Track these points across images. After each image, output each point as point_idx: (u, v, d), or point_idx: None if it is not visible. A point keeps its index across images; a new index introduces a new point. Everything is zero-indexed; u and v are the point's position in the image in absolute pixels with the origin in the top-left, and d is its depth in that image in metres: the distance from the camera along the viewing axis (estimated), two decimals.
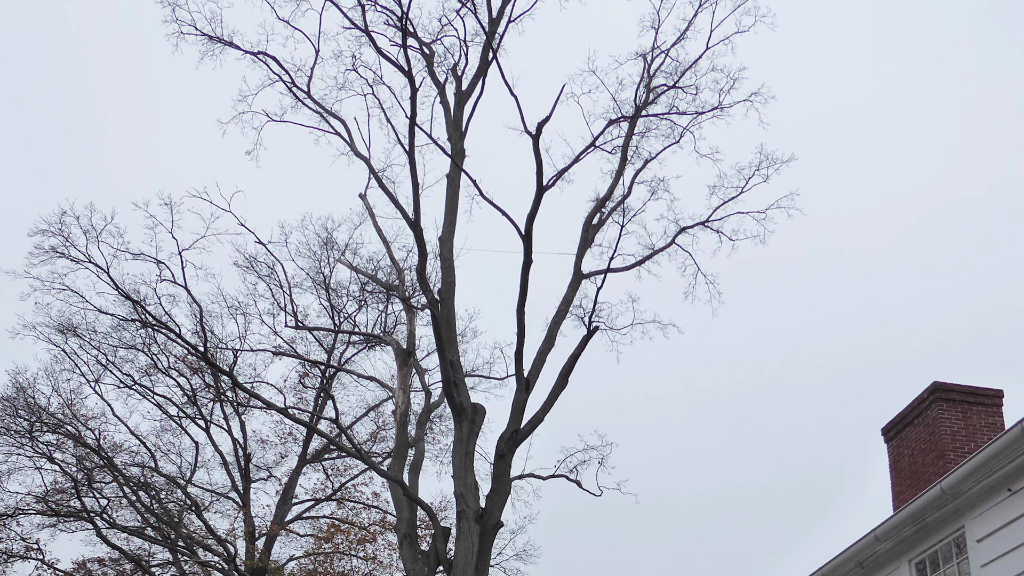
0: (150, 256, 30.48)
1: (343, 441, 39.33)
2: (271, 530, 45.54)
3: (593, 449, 31.46)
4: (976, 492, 14.51)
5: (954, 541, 15.30)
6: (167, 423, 45.57)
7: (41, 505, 41.25)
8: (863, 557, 17.07)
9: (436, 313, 27.41)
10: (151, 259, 30.48)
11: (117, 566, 44.22)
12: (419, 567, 27.67)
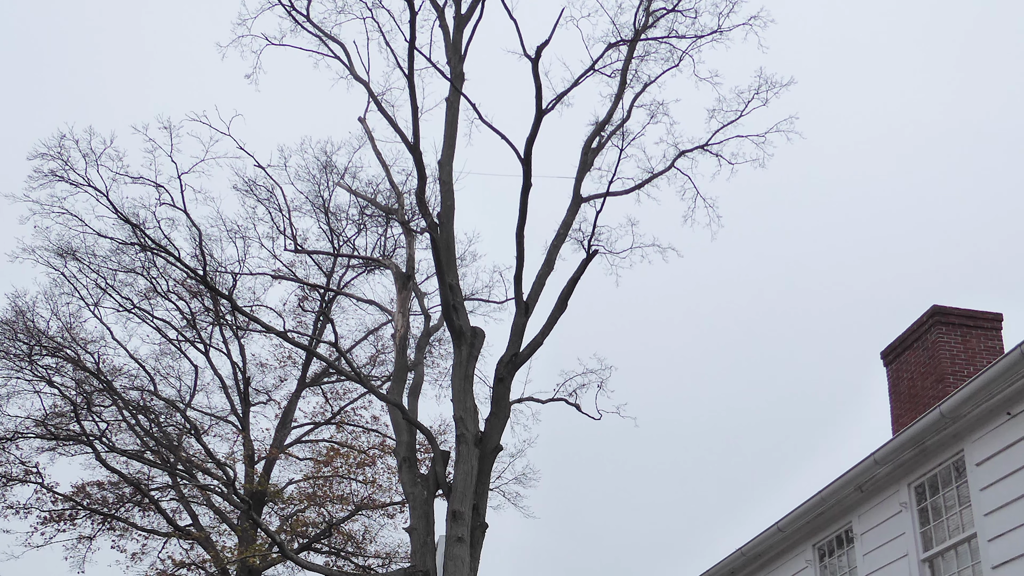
0: (149, 180, 30.36)
1: (342, 365, 39.40)
2: (270, 454, 45.68)
3: (592, 373, 31.51)
4: (975, 416, 14.53)
5: (953, 465, 15.34)
6: (166, 347, 45.60)
7: (40, 429, 41.34)
8: (862, 481, 17.11)
9: (435, 237, 27.36)
10: (150, 183, 30.37)
11: (116, 490, 44.35)
12: (418, 490, 27.76)
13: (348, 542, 47.83)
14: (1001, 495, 14.01)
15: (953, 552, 15.21)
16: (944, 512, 15.57)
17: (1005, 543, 13.78)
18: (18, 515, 42.37)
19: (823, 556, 19.00)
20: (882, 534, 16.81)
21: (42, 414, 41.36)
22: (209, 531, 44.66)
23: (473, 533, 26.95)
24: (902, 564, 16.10)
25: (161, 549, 46.73)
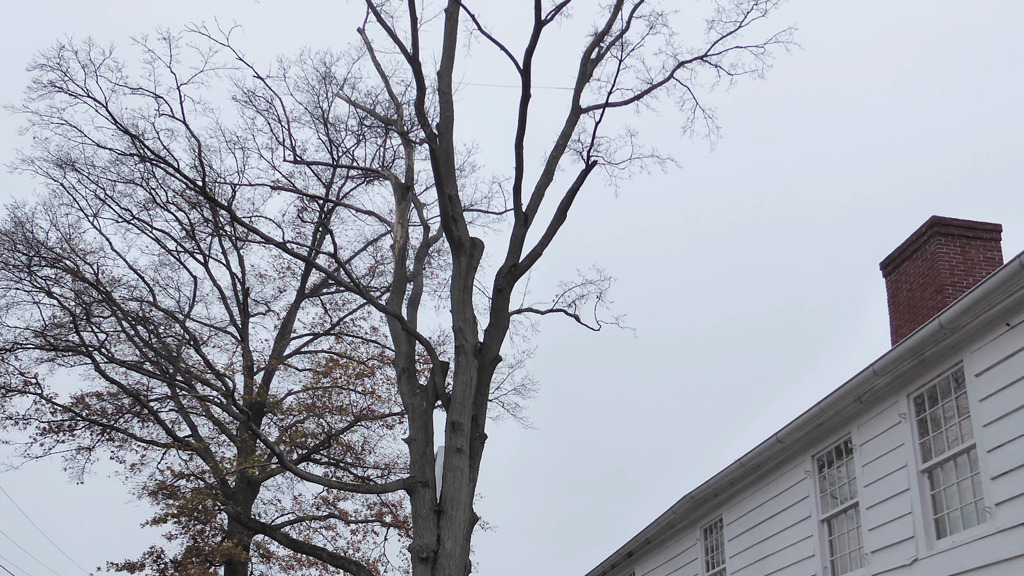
0: (148, 91, 30.25)
1: (341, 275, 39.41)
2: (269, 364, 45.79)
3: (591, 284, 31.51)
4: (974, 327, 14.52)
5: (952, 376, 15.35)
6: (165, 258, 45.58)
7: (39, 339, 41.37)
8: (861, 392, 17.13)
9: (434, 147, 27.26)
10: (149, 93, 30.25)
11: (115, 400, 44.48)
12: (417, 401, 27.84)
13: (347, 453, 48.04)
14: (1000, 406, 14.04)
15: (952, 463, 15.26)
16: (943, 423, 15.60)
17: (1004, 454, 13.82)
18: (17, 426, 42.54)
19: (822, 467, 19.07)
20: (881, 445, 16.85)
21: (41, 325, 41.39)
22: (208, 442, 44.85)
23: (472, 444, 27.05)
24: (901, 475, 16.15)
25: (160, 460, 46.94)
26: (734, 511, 22.51)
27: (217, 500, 41.47)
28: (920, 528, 15.51)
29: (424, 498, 26.25)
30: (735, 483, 22.19)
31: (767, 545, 20.63)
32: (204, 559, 42.33)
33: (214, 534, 44.51)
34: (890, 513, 16.37)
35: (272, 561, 47.93)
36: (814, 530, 18.86)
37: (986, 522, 14.11)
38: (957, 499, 15.11)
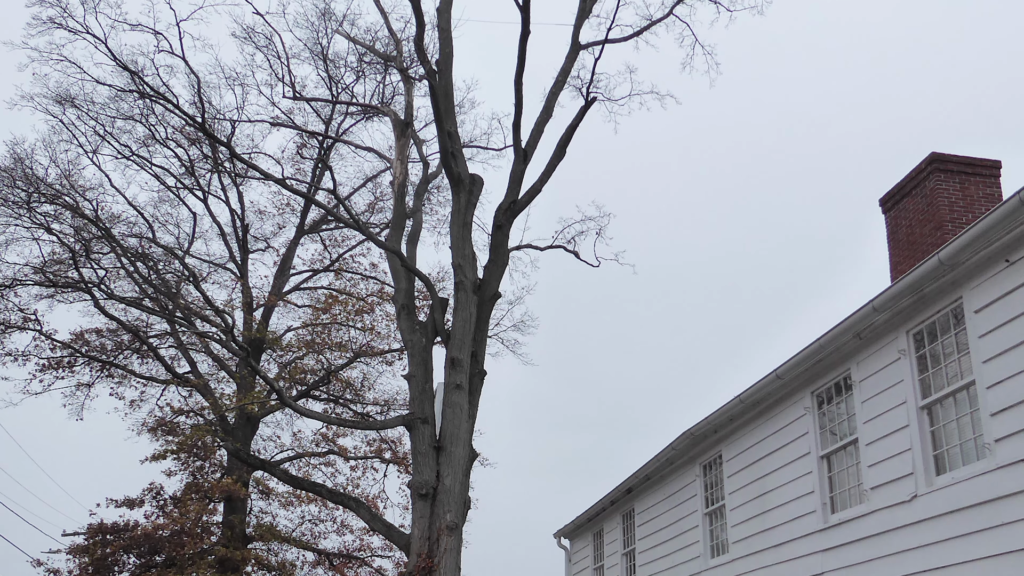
0: (148, 27, 30.09)
1: (341, 212, 39.36)
2: (269, 301, 45.78)
3: (591, 220, 31.45)
4: (974, 263, 14.49)
5: (952, 312, 15.33)
6: (165, 194, 45.52)
7: (39, 276, 41.34)
8: (860, 328, 17.12)
9: (434, 84, 27.15)
10: (149, 30, 30.09)
11: (114, 337, 44.52)
12: (417, 338, 27.84)
13: (346, 389, 48.13)
14: (999, 342, 14.03)
15: (952, 399, 15.27)
16: (943, 359, 15.60)
17: (1003, 390, 13.82)
18: (16, 362, 42.60)
19: (821, 403, 19.08)
20: (881, 381, 16.86)
21: (40, 261, 41.36)
22: (207, 378, 44.91)
23: (472, 380, 27.08)
24: (901, 411, 16.17)
25: (159, 396, 47.03)
26: (733, 447, 22.56)
27: (216, 436, 41.54)
28: (920, 465, 15.54)
29: (423, 434, 26.30)
30: (734, 419, 22.23)
31: (766, 481, 20.69)
32: (203, 495, 42.46)
33: (213, 470, 44.66)
34: (889, 449, 16.40)
35: (271, 497, 48.09)
36: (813, 466, 18.90)
37: (985, 458, 14.13)
38: (956, 435, 15.13)
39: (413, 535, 25.95)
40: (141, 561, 43.11)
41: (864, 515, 17.00)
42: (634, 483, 28.19)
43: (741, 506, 21.85)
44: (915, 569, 15.29)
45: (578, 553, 34.25)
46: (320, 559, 47.89)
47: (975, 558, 13.95)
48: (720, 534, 23.29)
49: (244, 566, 43.54)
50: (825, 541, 18.21)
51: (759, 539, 20.78)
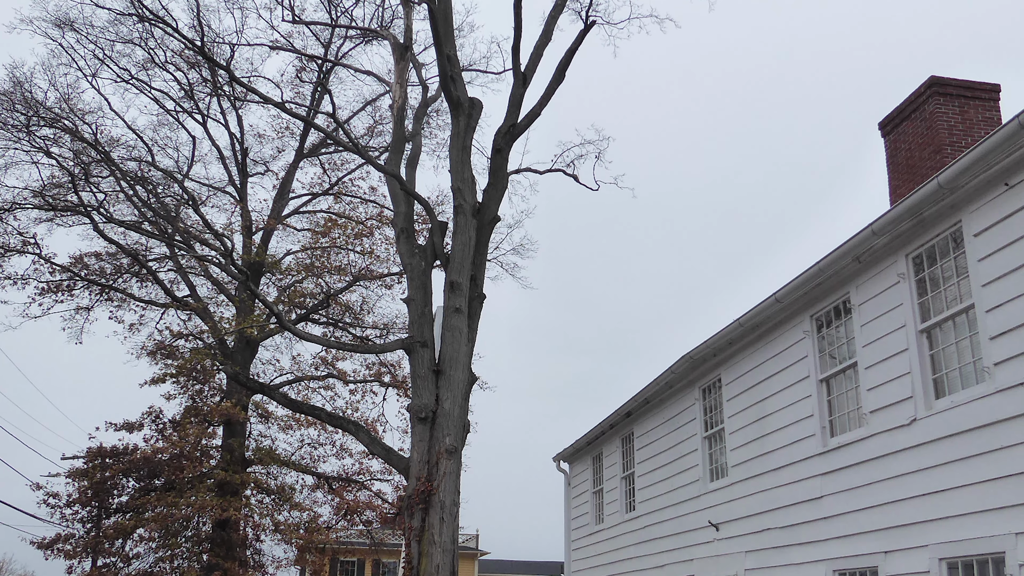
0: None
1: (340, 135, 39.20)
2: (268, 224, 45.75)
3: (590, 143, 31.33)
4: (973, 186, 14.45)
5: (951, 236, 15.30)
6: (164, 118, 45.43)
7: (38, 199, 41.30)
8: (860, 251, 17.09)
9: (433, 7, 26.98)
10: None
11: (114, 260, 44.53)
12: (416, 261, 27.83)
13: (346, 313, 48.21)
14: (999, 266, 14.01)
15: (951, 323, 15.26)
16: (942, 283, 15.58)
17: (1002, 314, 13.82)
18: (16, 286, 42.65)
19: (821, 327, 19.09)
20: (880, 305, 16.86)
21: (40, 185, 41.32)
22: (207, 302, 44.96)
23: (471, 304, 27.10)
24: (900, 335, 16.18)
25: (159, 320, 47.13)
26: (733, 371, 22.60)
27: (215, 360, 41.62)
28: (919, 388, 15.56)
29: (423, 358, 26.35)
30: (734, 343, 22.26)
31: (766, 405, 20.74)
32: (202, 419, 42.63)
33: (212, 394, 44.80)
34: (889, 373, 16.42)
35: (270, 421, 48.28)
36: (812, 390, 18.94)
37: (985, 382, 14.15)
38: (956, 359, 15.14)
39: (412, 458, 26.05)
40: (140, 484, 43.37)
41: (863, 439, 17.05)
42: (633, 407, 28.27)
43: (740, 430, 21.92)
44: (914, 492, 15.35)
45: (577, 477, 34.41)
46: (319, 482, 48.14)
47: (974, 481, 14.01)
48: (719, 458, 23.38)
49: (243, 489, 43.78)
50: (824, 465, 18.28)
51: (758, 463, 20.86)
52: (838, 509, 17.65)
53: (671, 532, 25.43)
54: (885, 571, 15.93)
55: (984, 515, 13.76)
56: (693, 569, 23.84)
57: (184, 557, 43.41)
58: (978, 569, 13.95)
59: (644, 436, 28.12)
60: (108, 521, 43.68)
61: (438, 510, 26.64)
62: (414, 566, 29.88)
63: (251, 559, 46.52)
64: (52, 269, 43.23)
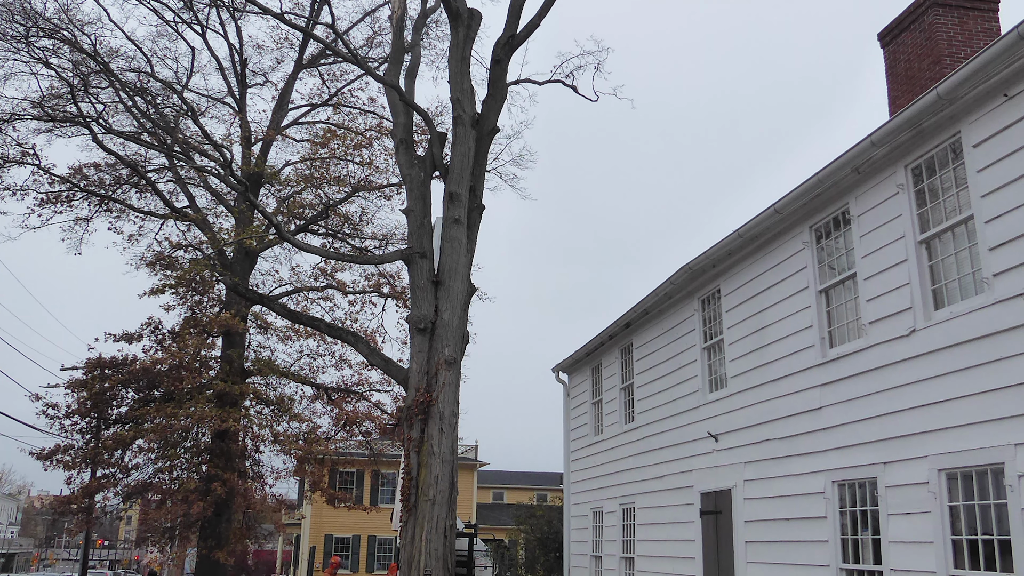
0: None
1: (339, 46, 39.00)
2: (267, 135, 45.64)
3: (589, 55, 31.17)
4: (972, 98, 14.39)
5: (950, 147, 15.25)
6: (163, 28, 45.29)
7: (37, 110, 41.19)
8: (859, 162, 17.05)
9: None
10: None
11: (113, 171, 44.48)
12: (415, 172, 27.79)
13: (345, 223, 48.22)
14: (998, 177, 13.98)
15: (950, 234, 15.24)
16: (941, 194, 15.55)
17: (1002, 225, 13.80)
18: (15, 197, 42.65)
19: (820, 238, 19.07)
20: (879, 216, 16.84)
21: (39, 95, 41.22)
22: (206, 212, 44.97)
23: (470, 214, 27.08)
24: (899, 246, 16.16)
25: (158, 230, 47.26)
26: (732, 282, 22.62)
27: (215, 271, 41.68)
28: (918, 299, 15.58)
29: (422, 269, 26.36)
30: (733, 254, 22.26)
31: (765, 316, 20.77)
32: (202, 330, 42.72)
33: (212, 305, 44.87)
34: (888, 284, 16.43)
35: (269, 332, 48.43)
36: (812, 301, 18.96)
37: (984, 293, 14.15)
38: (955, 270, 15.14)
39: (411, 369, 26.13)
40: (139, 395, 43.52)
41: (862, 349, 17.09)
42: (632, 318, 28.32)
43: (739, 340, 21.96)
44: (913, 403, 15.40)
45: (576, 387, 34.53)
46: (318, 393, 48.34)
47: (973, 392, 14.05)
48: (718, 368, 23.45)
49: (242, 400, 43.96)
50: (823, 376, 18.33)
51: (757, 373, 20.92)
52: (837, 420, 17.71)
53: (670, 443, 25.55)
54: (884, 482, 16.02)
55: (983, 426, 13.81)
56: (692, 480, 23.98)
57: (183, 468, 43.69)
58: (977, 480, 14.03)
59: (643, 347, 28.19)
60: (107, 432, 43.88)
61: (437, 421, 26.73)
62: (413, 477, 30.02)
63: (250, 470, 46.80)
64: (51, 180, 43.22)
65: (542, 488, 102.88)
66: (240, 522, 46.52)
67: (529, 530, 42.08)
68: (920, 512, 15.02)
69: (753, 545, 20.64)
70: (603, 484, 30.63)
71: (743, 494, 21.19)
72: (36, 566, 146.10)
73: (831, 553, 17.55)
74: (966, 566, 14.02)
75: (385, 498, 79.24)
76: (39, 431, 55.31)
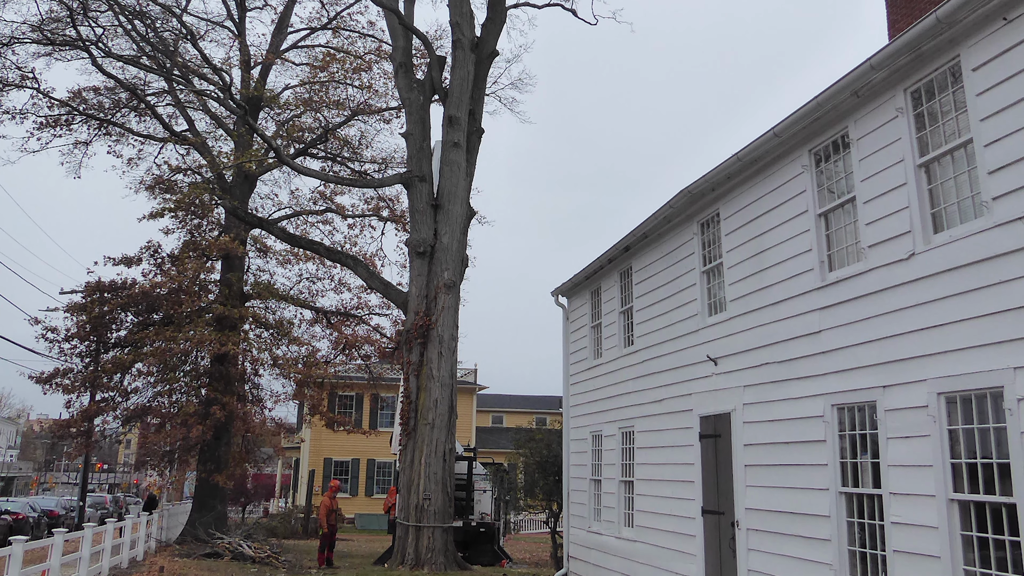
0: None
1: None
2: (266, 59, 45.52)
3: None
4: (972, 21, 14.32)
5: (949, 70, 15.20)
6: None
7: (36, 34, 41.05)
8: (858, 86, 17.00)
9: None
10: None
11: (112, 95, 44.38)
12: (415, 96, 27.76)
13: (344, 147, 48.19)
14: (997, 100, 13.95)
15: (949, 157, 15.22)
16: (940, 117, 15.51)
17: (1001, 148, 13.79)
18: (14, 121, 42.62)
19: (819, 161, 19.04)
20: (879, 139, 16.81)
21: (38, 19, 41.07)
22: (205, 136, 44.93)
23: (469, 138, 27.06)
24: (898, 169, 16.14)
25: (157, 154, 47.30)
26: (731, 205, 22.60)
27: (214, 194, 41.68)
28: (917, 222, 15.58)
29: (421, 192, 26.40)
30: (732, 177, 22.23)
31: (764, 239, 20.77)
32: (201, 253, 42.80)
33: (211, 228, 44.93)
34: (887, 207, 16.42)
35: (269, 256, 48.53)
36: (811, 224, 18.95)
37: (983, 216, 14.15)
38: (954, 193, 15.13)
39: (411, 293, 26.25)
40: (138, 319, 43.68)
41: (862, 273, 17.10)
42: (632, 241, 28.31)
43: (739, 264, 21.97)
44: (913, 327, 15.44)
45: (576, 311, 34.57)
46: (317, 317, 48.51)
47: (972, 316, 14.07)
48: (717, 292, 23.46)
49: (241, 324, 44.12)
50: (823, 299, 18.36)
51: (757, 297, 20.95)
52: (836, 344, 17.76)
53: (669, 367, 25.62)
54: (883, 405, 16.08)
55: (982, 350, 13.85)
56: (691, 403, 24.06)
57: (182, 392, 43.93)
58: (976, 403, 14.08)
59: (642, 271, 28.20)
60: (106, 356, 44.09)
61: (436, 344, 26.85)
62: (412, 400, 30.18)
63: (249, 393, 47.06)
64: (51, 104, 43.16)
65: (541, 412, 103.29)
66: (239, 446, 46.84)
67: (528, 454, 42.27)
68: (919, 436, 15.09)
69: (752, 469, 20.75)
70: (602, 408, 30.73)
71: (742, 418, 21.28)
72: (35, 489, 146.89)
73: (830, 476, 17.65)
74: (965, 489, 14.10)
75: (384, 422, 79.62)
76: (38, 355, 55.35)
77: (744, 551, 20.84)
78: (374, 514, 78.54)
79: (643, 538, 26.67)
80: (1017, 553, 13.04)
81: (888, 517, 15.72)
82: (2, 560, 24.52)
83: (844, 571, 17.12)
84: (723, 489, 22.19)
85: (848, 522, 17.21)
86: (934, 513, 14.54)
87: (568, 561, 33.34)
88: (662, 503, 25.53)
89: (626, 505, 28.48)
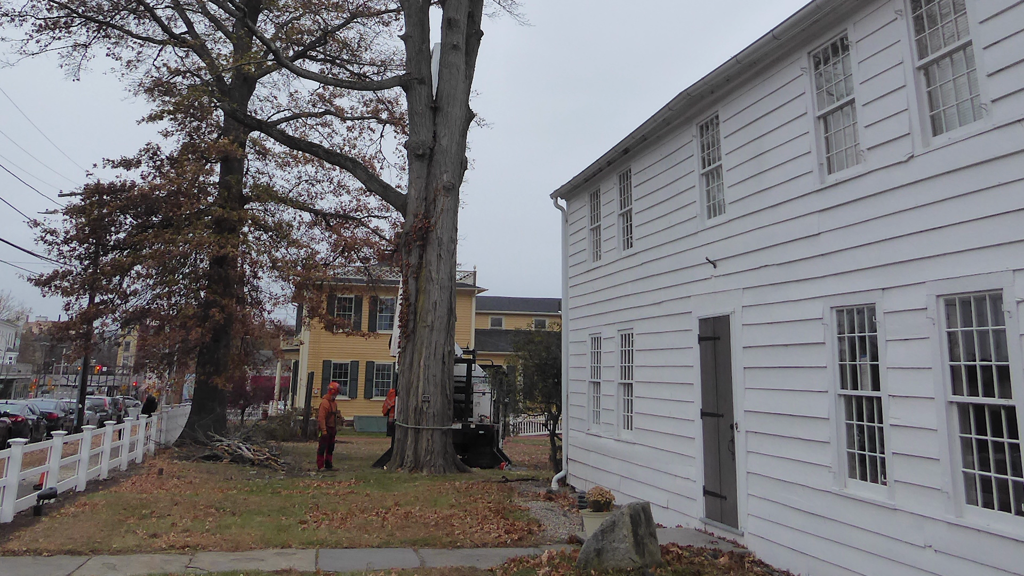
0: None
1: None
2: None
3: None
4: None
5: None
6: None
7: None
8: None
9: None
10: None
11: None
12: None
13: (343, 50, 47.98)
14: (996, 2, 13.90)
15: (949, 59, 15.19)
16: (940, 20, 15.46)
17: (1000, 50, 13.76)
18: (13, 23, 42.36)
19: (818, 63, 19.01)
20: (878, 41, 16.77)
21: None
22: (204, 39, 44.74)
23: (468, 40, 26.97)
24: (897, 71, 16.12)
25: (156, 57, 47.05)
26: (730, 108, 22.57)
27: (213, 96, 41.56)
28: (916, 125, 15.57)
29: (420, 95, 26.33)
30: (731, 80, 22.19)
31: (763, 142, 20.76)
32: (200, 155, 42.74)
33: (210, 131, 44.85)
34: (886, 110, 16.41)
35: (268, 158, 48.50)
36: (810, 127, 18.95)
37: (982, 119, 14.15)
38: (953, 96, 15.11)
39: (410, 195, 26.26)
40: (138, 221, 43.70)
41: (861, 175, 17.11)
42: (631, 144, 28.27)
43: (738, 167, 21.97)
44: (911, 229, 15.46)
45: (575, 213, 34.58)
46: (316, 219, 48.53)
47: (971, 218, 14.10)
48: (717, 195, 23.48)
49: (240, 226, 44.15)
50: (822, 201, 18.38)
51: (756, 199, 20.97)
52: (836, 246, 17.80)
53: (669, 269, 25.68)
54: (882, 308, 16.15)
55: (981, 252, 13.88)
56: (691, 306, 24.15)
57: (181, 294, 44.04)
58: (975, 306, 14.14)
59: (642, 173, 28.18)
60: (105, 258, 44.14)
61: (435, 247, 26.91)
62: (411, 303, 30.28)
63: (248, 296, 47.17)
64: (50, 6, 42.92)
65: (540, 314, 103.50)
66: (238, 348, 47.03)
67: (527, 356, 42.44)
68: (918, 338, 15.17)
69: (751, 371, 20.87)
70: (601, 310, 30.84)
71: (741, 320, 21.37)
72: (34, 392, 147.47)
73: (829, 379, 17.76)
74: (964, 392, 14.19)
75: (383, 324, 79.82)
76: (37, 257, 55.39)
77: (743, 453, 21.01)
78: (373, 416, 78.93)
79: (642, 440, 26.86)
80: (1016, 455, 13.16)
81: (887, 419, 15.83)
82: (1, 462, 24.73)
83: (843, 473, 17.28)
84: (722, 391, 22.31)
85: (847, 424, 17.33)
86: (933, 415, 14.64)
87: (567, 463, 33.59)
88: (661, 405, 25.69)
89: (625, 408, 28.66)
